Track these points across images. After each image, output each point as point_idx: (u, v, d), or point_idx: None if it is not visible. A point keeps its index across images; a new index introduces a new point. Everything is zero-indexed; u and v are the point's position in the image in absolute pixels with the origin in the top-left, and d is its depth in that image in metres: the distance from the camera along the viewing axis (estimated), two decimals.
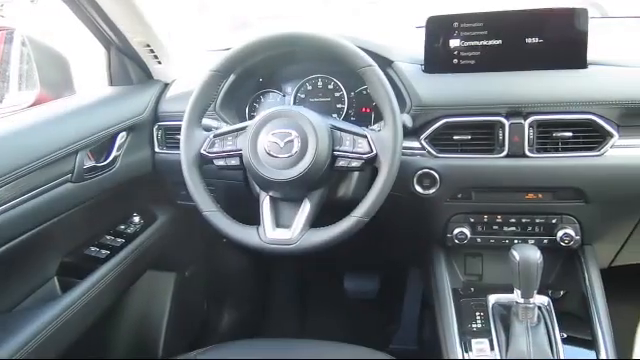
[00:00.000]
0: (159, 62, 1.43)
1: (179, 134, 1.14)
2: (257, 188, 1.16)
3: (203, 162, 1.13)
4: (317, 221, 1.09)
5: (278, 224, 1.09)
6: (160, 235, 1.49)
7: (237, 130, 1.11)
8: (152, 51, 1.39)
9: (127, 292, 1.54)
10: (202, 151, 1.11)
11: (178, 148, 1.14)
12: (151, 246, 1.45)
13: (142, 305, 1.65)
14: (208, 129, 1.16)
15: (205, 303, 1.94)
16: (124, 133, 1.30)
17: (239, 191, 1.29)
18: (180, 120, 1.14)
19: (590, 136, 1.12)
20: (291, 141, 1.05)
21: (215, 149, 1.11)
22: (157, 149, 1.39)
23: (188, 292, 1.77)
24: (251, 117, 1.37)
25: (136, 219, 1.46)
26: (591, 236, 1.24)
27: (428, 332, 1.78)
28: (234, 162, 1.10)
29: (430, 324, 1.32)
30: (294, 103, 1.35)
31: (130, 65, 1.42)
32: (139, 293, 1.62)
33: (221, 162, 1.11)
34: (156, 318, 1.67)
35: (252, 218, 1.11)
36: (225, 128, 1.14)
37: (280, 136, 1.06)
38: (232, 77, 1.27)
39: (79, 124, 1.19)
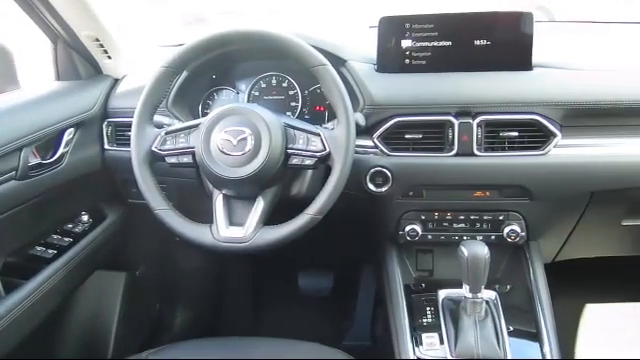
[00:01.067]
0: (109, 57, 1.39)
1: (129, 131, 1.11)
2: (210, 186, 1.15)
3: (154, 159, 1.11)
4: (271, 219, 1.09)
5: (231, 222, 1.09)
6: (110, 234, 1.46)
7: (190, 127, 1.10)
8: (101, 45, 1.36)
9: (75, 292, 1.49)
10: (153, 148, 1.10)
11: (128, 145, 1.11)
12: (100, 245, 1.41)
13: (91, 306, 1.61)
14: (160, 126, 1.14)
15: (157, 303, 1.91)
16: (72, 129, 1.27)
17: (192, 189, 1.27)
18: (131, 116, 1.12)
19: (535, 136, 1.16)
20: (244, 139, 1.04)
21: (167, 146, 1.09)
22: (107, 146, 1.36)
23: (139, 292, 1.74)
24: (204, 114, 1.36)
25: (84, 217, 1.42)
26: (536, 232, 1.29)
27: (381, 328, 1.81)
28: (186, 160, 1.09)
29: (383, 320, 1.34)
30: (248, 101, 1.35)
31: (78, 60, 1.38)
32: (88, 293, 1.58)
33: (173, 160, 1.10)
34: (106, 319, 1.63)
35: (205, 216, 1.10)
36: (177, 125, 1.13)
37: (233, 134, 1.05)
38: (185, 73, 1.25)
39: (23, 120, 1.14)
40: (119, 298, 1.66)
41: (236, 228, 1.07)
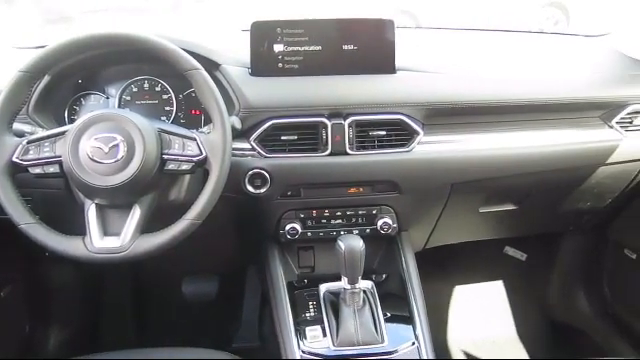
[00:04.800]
0: None
1: None
2: (81, 196, 1.09)
3: (16, 171, 1.03)
4: (149, 226, 1.07)
5: (106, 232, 1.05)
6: None
7: (55, 135, 1.04)
8: None
9: None
10: (14, 159, 1.02)
11: None
12: None
13: None
14: (20, 135, 1.07)
15: (27, 325, 1.77)
16: None
17: (60, 200, 1.20)
18: None
19: (401, 134, 1.25)
20: (116, 146, 1.01)
21: (30, 156, 1.02)
22: None
23: (4, 314, 1.60)
24: (71, 121, 1.28)
25: None
26: (406, 223, 1.39)
27: (268, 327, 1.83)
28: (53, 170, 1.03)
29: (269, 319, 1.36)
30: (119, 106, 1.30)
31: None
32: None
33: (38, 170, 1.03)
34: None
35: (77, 228, 1.05)
36: (41, 133, 1.06)
37: (104, 141, 1.01)
38: (47, 78, 1.18)
39: None
40: None
41: (112, 238, 1.03)
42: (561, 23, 5.84)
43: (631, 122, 1.40)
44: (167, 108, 1.31)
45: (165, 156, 1.04)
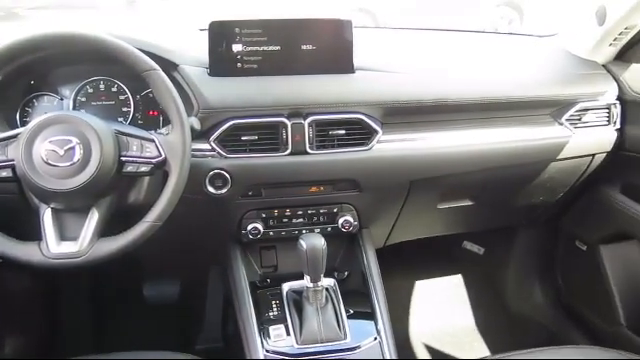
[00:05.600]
0: None
1: None
2: (36, 200, 1.07)
3: None
4: (108, 230, 1.05)
5: (63, 237, 1.03)
6: None
7: (7, 138, 1.01)
8: None
9: None
10: None
11: None
12: None
13: None
14: None
15: None
16: None
17: (15, 205, 1.17)
18: None
19: (360, 133, 1.27)
20: (72, 148, 0.99)
21: None
22: None
23: None
24: (23, 123, 1.24)
25: None
26: (367, 220, 1.41)
27: (231, 327, 1.83)
28: (5, 174, 1.00)
29: (233, 319, 1.36)
30: (74, 107, 1.26)
31: None
32: None
33: None
34: None
35: (33, 234, 1.02)
36: None
37: (59, 143, 0.99)
38: None
39: None
40: None
41: (69, 243, 1.01)
42: (515, 22, 6.02)
43: (580, 119, 1.46)
44: (124, 109, 1.29)
45: (123, 158, 1.03)
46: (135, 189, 1.16)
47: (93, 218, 1.03)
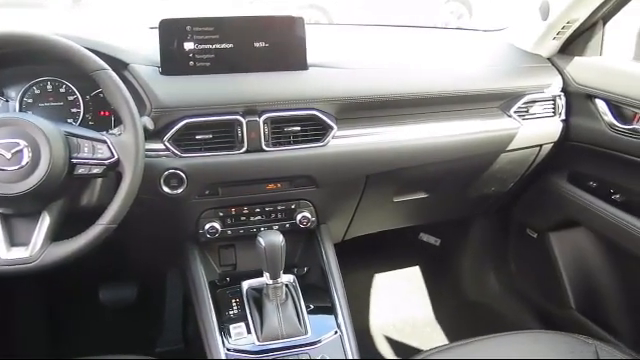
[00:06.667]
0: None
1: None
2: None
3: None
4: (61, 234, 1.03)
5: (13, 243, 1.00)
6: None
7: None
8: None
9: None
10: None
11: None
12: None
13: None
14: None
15: None
16: None
17: None
18: None
19: (315, 129, 1.27)
20: (20, 151, 0.96)
21: None
22: None
23: None
24: None
25: None
26: (325, 216, 1.42)
27: (192, 328, 1.81)
28: None
29: (193, 320, 1.35)
30: (20, 109, 1.22)
31: None
32: None
33: None
34: None
35: None
36: None
37: (6, 147, 0.96)
38: None
39: None
40: None
41: (19, 248, 0.99)
42: (465, 17, 6.16)
43: (527, 111, 1.52)
44: (74, 110, 1.26)
45: (74, 160, 1.01)
46: (88, 191, 1.14)
47: (44, 222, 1.01)
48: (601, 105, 1.46)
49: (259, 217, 1.34)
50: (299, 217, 1.35)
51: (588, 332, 1.47)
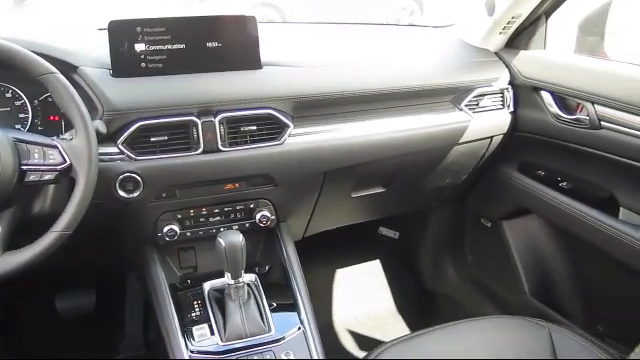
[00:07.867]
0: None
1: None
2: None
3: None
4: (14, 243, 1.00)
5: None
6: None
7: None
8: None
9: None
10: None
11: None
12: None
13: None
14: None
15: None
16: None
17: None
18: None
19: (272, 128, 1.28)
20: None
21: None
22: None
23: None
24: None
25: None
26: (284, 214, 1.43)
27: (154, 333, 1.79)
28: None
29: (154, 324, 1.34)
30: None
31: None
32: None
33: None
34: None
35: None
36: None
37: None
38: None
39: None
40: None
41: None
42: (416, 13, 6.25)
43: (477, 104, 1.56)
44: (21, 115, 1.22)
45: (24, 167, 0.98)
46: (40, 198, 1.11)
47: None
48: (546, 97, 1.52)
49: (218, 218, 1.33)
50: (258, 216, 1.35)
51: (542, 315, 1.52)
